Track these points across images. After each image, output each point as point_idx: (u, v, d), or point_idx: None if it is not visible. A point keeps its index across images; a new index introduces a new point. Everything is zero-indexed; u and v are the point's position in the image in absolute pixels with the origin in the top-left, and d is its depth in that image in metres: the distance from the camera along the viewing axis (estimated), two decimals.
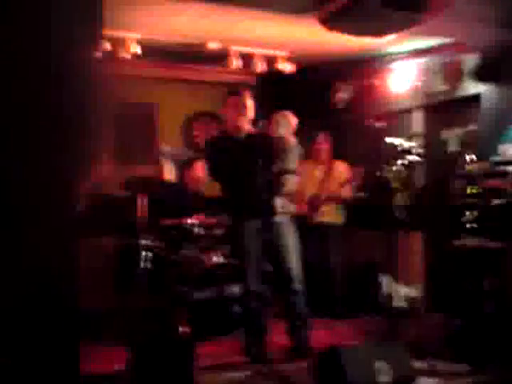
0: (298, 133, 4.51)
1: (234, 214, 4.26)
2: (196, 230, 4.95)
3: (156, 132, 6.61)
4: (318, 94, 6.42)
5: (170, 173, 5.45)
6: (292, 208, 4.51)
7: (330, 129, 5.98)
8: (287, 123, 4.46)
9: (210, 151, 4.34)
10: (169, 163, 5.48)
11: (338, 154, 5.95)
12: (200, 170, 5.54)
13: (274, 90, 6.26)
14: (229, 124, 4.26)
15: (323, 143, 5.78)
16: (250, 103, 4.25)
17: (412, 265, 5.66)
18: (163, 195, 5.19)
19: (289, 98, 6.04)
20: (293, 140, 4.38)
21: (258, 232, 4.16)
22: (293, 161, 4.31)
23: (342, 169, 5.77)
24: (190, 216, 4.97)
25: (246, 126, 4.23)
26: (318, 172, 5.75)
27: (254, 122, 4.30)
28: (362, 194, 5.73)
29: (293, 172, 4.31)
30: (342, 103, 6.35)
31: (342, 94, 6.32)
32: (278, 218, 4.20)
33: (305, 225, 5.21)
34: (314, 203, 5.61)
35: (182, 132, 6.84)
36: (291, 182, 4.33)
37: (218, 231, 5.06)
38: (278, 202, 4.22)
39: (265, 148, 4.15)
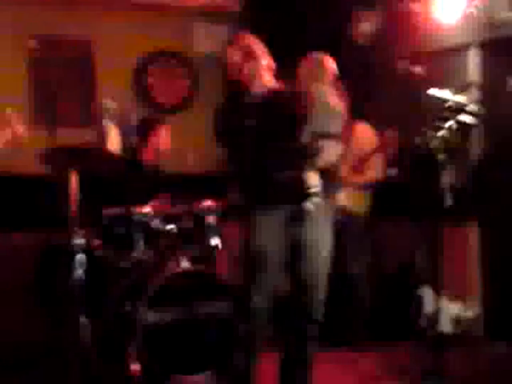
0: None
1: (247, 199, 4.25)
2: (155, 223, 4.95)
3: (95, 81, 6.60)
4: (329, 25, 6.37)
5: (115, 139, 5.41)
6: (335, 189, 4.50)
7: (346, 75, 5.92)
8: (325, 73, 4.45)
9: (221, 115, 4.34)
10: (114, 126, 5.43)
11: (357, 112, 5.90)
12: (165, 138, 5.50)
13: (266, 19, 6.21)
14: (237, 77, 4.26)
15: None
16: (261, 47, 4.27)
17: (465, 271, 5.69)
18: (106, 172, 5.19)
19: (287, 31, 5.99)
20: (334, 96, 4.32)
21: (282, 225, 4.12)
22: (335, 122, 4.25)
23: (365, 134, 5.73)
24: (146, 203, 4.99)
25: (264, 79, 4.25)
26: None
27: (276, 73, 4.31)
28: (393, 171, 5.72)
29: (334, 137, 4.24)
30: (365, 39, 6.33)
31: (365, 26, 6.29)
32: (309, 205, 4.09)
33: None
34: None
35: (132, 81, 6.78)
36: (331, 151, 4.25)
37: (188, 225, 5.04)
38: (312, 178, 4.13)
39: (292, 105, 4.15)
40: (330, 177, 4.27)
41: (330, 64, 4.59)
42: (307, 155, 4.11)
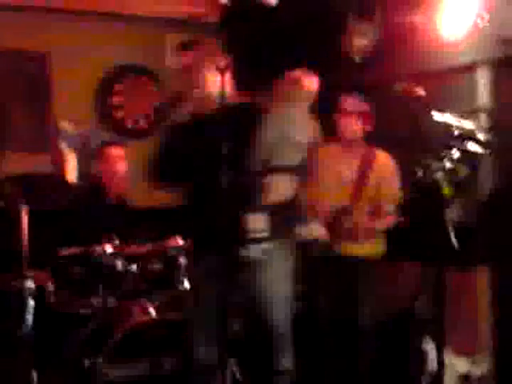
0: None
1: (194, 239, 4.35)
2: (118, 264, 4.97)
3: (50, 100, 6.61)
4: (320, 38, 6.39)
5: (73, 167, 5.40)
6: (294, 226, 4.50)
7: (338, 95, 5.90)
8: (301, 95, 4.40)
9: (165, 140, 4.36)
10: (73, 152, 5.43)
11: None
12: (117, 161, 5.48)
13: (250, 32, 6.22)
14: (187, 94, 4.29)
15: (353, 110, 5.61)
16: (222, 57, 4.24)
17: (474, 321, 5.67)
18: (62, 205, 5.18)
19: (271, 45, 5.99)
20: (305, 124, 4.35)
21: (216, 274, 4.07)
22: (294, 153, 4.27)
23: (386, 164, 5.65)
24: (108, 241, 4.99)
25: (213, 96, 4.21)
26: (346, 166, 5.67)
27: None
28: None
29: (290, 170, 4.27)
30: (360, 54, 6.35)
31: (360, 40, 6.32)
32: (253, 250, 4.15)
33: (319, 257, 5.26)
34: (339, 223, 5.55)
35: (94, 100, 6.77)
36: (284, 187, 4.27)
37: (156, 266, 5.08)
38: (256, 221, 4.18)
39: (242, 128, 4.14)
40: (286, 213, 4.29)
41: (311, 84, 4.53)
42: (250, 193, 4.13)
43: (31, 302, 4.67)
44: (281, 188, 4.26)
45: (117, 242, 5.01)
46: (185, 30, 6.88)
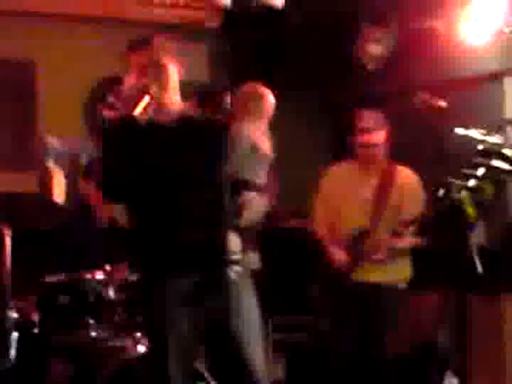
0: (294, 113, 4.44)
1: (147, 266, 4.17)
2: (109, 293, 4.92)
3: (36, 112, 6.59)
4: (329, 46, 6.44)
5: (60, 186, 5.34)
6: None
7: (350, 108, 5.94)
8: (261, 107, 4.45)
9: (106, 144, 4.15)
10: (60, 170, 5.37)
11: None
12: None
13: (253, 38, 6.18)
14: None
15: (373, 127, 5.59)
16: (171, 60, 4.16)
17: (500, 353, 5.66)
18: (48, 227, 5.20)
19: (278, 55, 5.99)
20: (265, 139, 4.40)
21: (190, 298, 4.03)
22: (262, 170, 4.34)
23: (408, 182, 5.64)
24: (99, 268, 4.95)
25: (172, 104, 4.16)
26: (364, 186, 5.65)
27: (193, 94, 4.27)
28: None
29: (258, 188, 4.30)
30: (374, 63, 6.40)
31: (374, 48, 6.36)
32: (230, 272, 4.06)
33: (338, 284, 5.36)
34: (358, 246, 5.51)
35: (83, 112, 6.71)
36: (257, 206, 4.30)
37: None
38: (233, 241, 4.09)
39: (210, 141, 4.07)
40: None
41: (271, 99, 4.52)
42: (226, 210, 4.06)
43: (14, 334, 4.66)
44: (254, 207, 4.34)
45: (107, 268, 4.96)
46: (182, 36, 6.82)
